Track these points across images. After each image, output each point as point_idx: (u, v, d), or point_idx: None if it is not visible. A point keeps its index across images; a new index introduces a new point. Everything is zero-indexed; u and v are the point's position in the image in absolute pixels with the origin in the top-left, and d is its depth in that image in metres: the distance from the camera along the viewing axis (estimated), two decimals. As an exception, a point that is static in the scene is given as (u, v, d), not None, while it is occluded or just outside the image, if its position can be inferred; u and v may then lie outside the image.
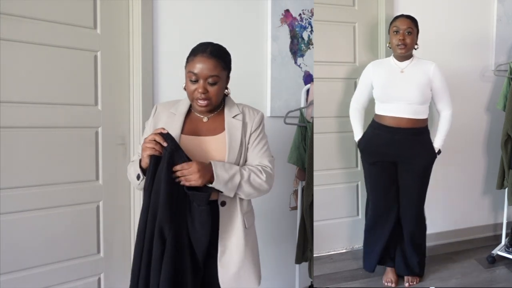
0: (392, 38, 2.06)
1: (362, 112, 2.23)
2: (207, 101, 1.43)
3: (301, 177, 2.50)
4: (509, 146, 2.52)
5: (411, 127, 2.05)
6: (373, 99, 2.17)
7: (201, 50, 1.42)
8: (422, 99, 2.03)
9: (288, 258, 2.63)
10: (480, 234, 2.88)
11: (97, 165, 2.00)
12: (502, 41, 2.78)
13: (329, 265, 2.50)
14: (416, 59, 2.09)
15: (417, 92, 2.02)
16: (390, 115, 2.06)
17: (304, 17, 2.68)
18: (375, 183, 2.17)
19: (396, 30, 2.04)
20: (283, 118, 2.43)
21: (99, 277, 2.03)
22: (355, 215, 2.68)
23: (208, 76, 1.40)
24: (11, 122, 1.75)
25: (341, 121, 2.56)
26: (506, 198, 2.59)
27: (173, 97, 1.65)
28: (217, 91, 1.43)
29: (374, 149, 2.12)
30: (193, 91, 1.42)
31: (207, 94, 1.41)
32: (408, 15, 2.08)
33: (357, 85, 2.29)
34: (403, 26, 2.02)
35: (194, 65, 1.40)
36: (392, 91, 2.05)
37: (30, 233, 1.81)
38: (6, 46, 1.72)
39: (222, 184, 1.37)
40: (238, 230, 1.47)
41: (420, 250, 2.21)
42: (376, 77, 2.12)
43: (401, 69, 2.07)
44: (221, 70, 1.43)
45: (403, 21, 2.04)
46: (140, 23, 2.02)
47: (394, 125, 2.05)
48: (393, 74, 2.08)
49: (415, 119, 2.05)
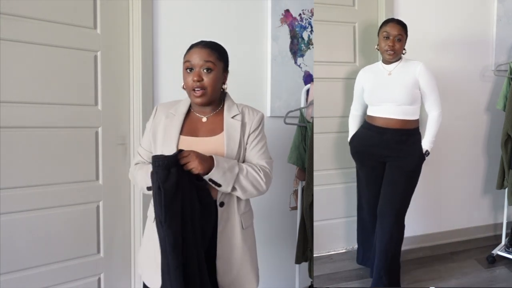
0: (382, 42, 2.07)
1: (359, 119, 2.27)
2: (202, 91, 1.43)
3: (301, 177, 2.50)
4: (509, 146, 2.52)
5: (400, 128, 2.06)
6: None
7: (197, 43, 1.48)
8: (410, 100, 2.04)
9: (288, 258, 2.63)
10: (480, 234, 2.88)
11: (97, 165, 2.00)
12: (502, 41, 2.78)
13: (329, 265, 2.50)
14: (403, 61, 2.11)
15: (404, 93, 2.03)
16: (380, 116, 2.10)
17: (304, 17, 2.68)
18: (365, 182, 2.22)
19: (386, 35, 2.05)
20: (283, 118, 2.43)
21: (99, 277, 2.03)
22: (355, 215, 2.67)
23: (203, 62, 1.42)
24: (11, 122, 1.75)
25: (341, 121, 2.56)
26: (506, 198, 2.59)
27: (173, 97, 1.65)
28: (212, 80, 1.43)
29: (363, 148, 2.17)
30: (189, 81, 1.44)
31: (202, 82, 1.42)
32: (398, 20, 2.08)
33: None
34: (393, 32, 2.03)
35: (189, 55, 1.45)
36: (380, 93, 2.09)
37: (30, 233, 1.81)
38: (6, 46, 1.72)
39: (221, 173, 1.37)
40: (236, 231, 1.48)
41: (391, 261, 2.09)
42: (365, 82, 2.18)
43: (389, 72, 2.10)
44: (216, 59, 1.44)
45: (394, 26, 2.04)
46: (140, 23, 2.02)
47: (384, 125, 2.08)
48: (381, 77, 2.11)
49: (405, 120, 2.05)
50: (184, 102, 1.55)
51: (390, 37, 2.04)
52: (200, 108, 1.52)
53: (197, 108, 1.52)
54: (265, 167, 1.50)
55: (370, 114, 2.16)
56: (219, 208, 1.45)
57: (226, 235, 1.47)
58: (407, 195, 2.10)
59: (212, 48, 1.46)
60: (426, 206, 2.28)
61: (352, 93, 2.30)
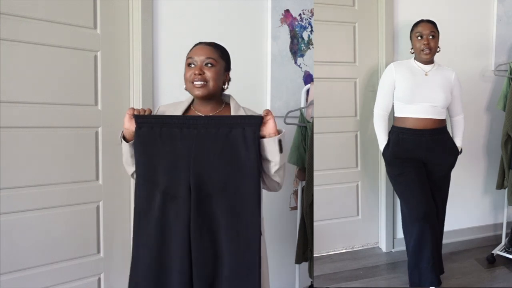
0: (416, 43, 2.09)
1: (387, 119, 2.17)
2: (204, 83, 1.43)
3: (301, 177, 2.50)
4: (509, 146, 2.52)
5: (436, 127, 2.08)
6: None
7: (199, 43, 1.51)
8: (446, 102, 2.09)
9: (288, 258, 2.63)
10: (480, 234, 2.88)
11: (97, 165, 2.00)
12: (502, 41, 2.78)
13: (329, 265, 2.50)
14: (437, 65, 2.15)
15: (443, 95, 2.07)
16: (415, 117, 2.07)
17: (304, 17, 2.68)
18: (411, 186, 2.10)
19: (419, 35, 2.07)
20: (283, 118, 2.43)
21: (99, 277, 2.03)
22: (355, 215, 2.68)
23: (205, 58, 1.44)
24: (11, 122, 1.74)
25: (341, 121, 2.57)
26: (506, 198, 2.59)
27: (173, 97, 1.66)
28: (214, 74, 1.44)
29: (403, 154, 2.10)
30: (189, 75, 1.45)
31: (203, 75, 1.43)
32: (429, 19, 2.11)
33: (373, 89, 2.26)
34: (426, 31, 2.06)
35: (192, 52, 1.48)
36: (419, 92, 2.07)
37: (30, 233, 1.81)
38: (6, 46, 1.72)
39: (281, 144, 1.39)
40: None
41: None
42: (400, 77, 2.10)
43: (425, 72, 2.11)
44: (218, 57, 1.47)
45: (426, 25, 2.07)
46: (140, 23, 2.02)
47: (420, 127, 2.07)
48: (418, 75, 2.10)
49: (439, 119, 2.09)
50: (185, 102, 1.56)
51: (424, 36, 2.06)
52: (201, 106, 1.52)
53: (198, 106, 1.53)
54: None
55: (401, 116, 2.11)
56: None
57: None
58: (448, 191, 2.22)
59: (215, 47, 1.49)
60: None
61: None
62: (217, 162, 1.35)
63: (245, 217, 1.36)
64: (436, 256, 2.09)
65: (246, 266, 1.36)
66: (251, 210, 1.36)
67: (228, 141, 1.35)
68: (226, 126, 1.36)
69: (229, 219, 1.35)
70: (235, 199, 1.36)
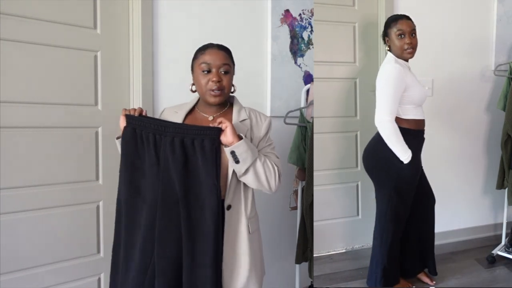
0: (397, 41, 1.94)
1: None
2: (221, 91, 1.44)
3: (301, 177, 2.50)
4: (509, 146, 2.52)
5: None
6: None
7: (210, 45, 1.48)
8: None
9: (288, 258, 2.63)
10: (480, 234, 2.88)
11: (97, 165, 2.00)
12: (502, 41, 2.78)
13: (329, 265, 2.50)
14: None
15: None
16: (422, 118, 1.99)
17: (304, 17, 2.68)
18: (409, 196, 2.02)
19: (400, 33, 1.93)
20: (283, 118, 2.43)
21: (99, 277, 2.03)
22: (355, 215, 2.68)
23: (221, 64, 1.43)
24: (11, 122, 1.74)
25: (341, 121, 2.57)
26: (506, 198, 2.59)
27: (172, 97, 1.66)
28: (229, 81, 1.46)
29: (417, 161, 1.97)
30: (206, 82, 1.43)
31: (221, 83, 1.43)
32: (407, 16, 2.00)
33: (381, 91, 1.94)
34: (408, 29, 1.94)
35: (205, 56, 1.44)
36: (424, 92, 1.98)
37: (30, 233, 1.81)
38: (6, 46, 1.72)
39: (245, 149, 1.36)
40: (243, 235, 1.47)
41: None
42: (409, 79, 1.92)
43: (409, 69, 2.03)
44: (231, 62, 1.48)
45: (407, 23, 1.95)
46: (140, 23, 2.02)
47: (423, 127, 2.01)
48: (413, 75, 1.99)
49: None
50: (189, 103, 1.56)
51: (406, 34, 1.93)
52: (206, 108, 1.52)
53: (204, 107, 1.53)
54: (278, 168, 1.51)
55: (411, 118, 1.95)
56: (226, 212, 1.45)
57: (232, 239, 1.46)
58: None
59: (226, 52, 1.49)
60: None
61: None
62: (181, 171, 1.37)
63: (202, 225, 1.38)
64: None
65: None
66: (208, 218, 1.38)
67: (192, 151, 1.37)
68: (189, 136, 1.38)
69: (188, 225, 1.37)
70: (194, 207, 1.38)
